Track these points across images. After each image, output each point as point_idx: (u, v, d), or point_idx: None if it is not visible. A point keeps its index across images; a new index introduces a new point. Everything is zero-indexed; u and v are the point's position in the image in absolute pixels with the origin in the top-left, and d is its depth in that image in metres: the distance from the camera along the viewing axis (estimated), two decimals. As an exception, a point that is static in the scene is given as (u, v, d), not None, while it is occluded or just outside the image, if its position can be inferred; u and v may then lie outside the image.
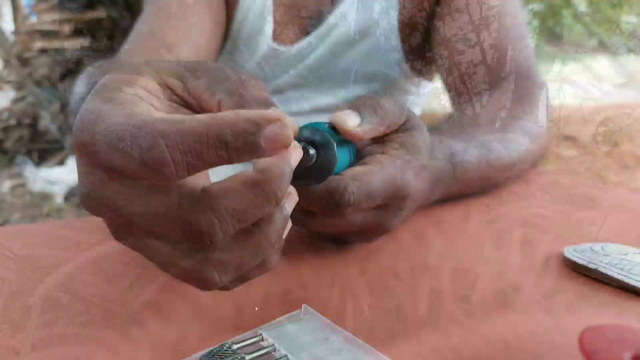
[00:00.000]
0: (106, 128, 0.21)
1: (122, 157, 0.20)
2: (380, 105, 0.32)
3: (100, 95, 0.23)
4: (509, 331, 0.28)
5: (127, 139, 0.20)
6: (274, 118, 0.20)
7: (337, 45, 0.73)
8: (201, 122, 0.20)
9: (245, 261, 0.24)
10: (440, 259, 0.37)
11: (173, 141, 0.19)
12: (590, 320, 0.29)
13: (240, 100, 0.24)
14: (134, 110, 0.21)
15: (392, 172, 0.32)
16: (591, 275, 0.33)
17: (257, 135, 0.20)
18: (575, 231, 0.42)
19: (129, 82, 0.24)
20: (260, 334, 0.25)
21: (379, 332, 0.28)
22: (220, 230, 0.21)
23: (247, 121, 0.20)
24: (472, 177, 0.45)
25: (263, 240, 0.24)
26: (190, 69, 0.26)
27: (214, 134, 0.20)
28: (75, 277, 0.34)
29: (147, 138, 0.19)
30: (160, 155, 0.19)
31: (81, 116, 0.22)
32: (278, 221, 0.24)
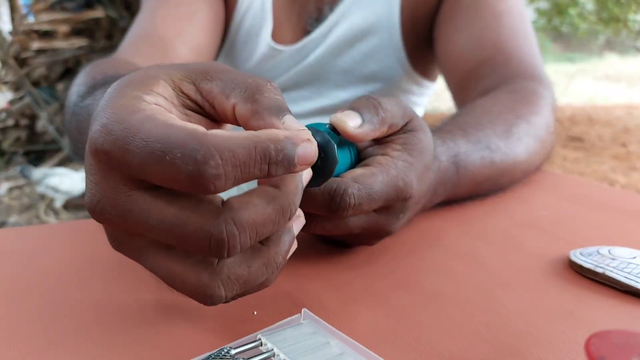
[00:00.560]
0: (144, 141, 0.21)
1: (166, 169, 0.21)
2: (382, 106, 0.32)
3: (121, 103, 0.23)
4: (513, 336, 0.28)
5: (175, 151, 0.20)
6: (305, 138, 0.23)
7: (338, 44, 0.73)
8: (249, 138, 0.21)
9: (252, 279, 0.25)
10: (443, 262, 0.37)
11: (227, 156, 0.21)
12: (596, 325, 0.29)
13: (256, 105, 0.24)
14: (170, 122, 0.22)
15: (394, 174, 0.32)
16: (598, 279, 0.33)
17: (294, 152, 0.22)
18: (581, 234, 0.42)
19: (146, 89, 0.24)
20: (260, 338, 0.25)
21: (380, 337, 0.28)
22: (240, 243, 0.22)
23: (286, 138, 0.22)
24: (476, 178, 0.45)
25: (270, 260, 0.25)
26: (202, 71, 0.26)
27: (261, 149, 0.21)
28: (73, 279, 0.34)
29: (203, 151, 0.20)
30: (214, 169, 0.20)
31: (105, 126, 0.22)
32: (286, 242, 0.26)
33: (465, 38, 0.66)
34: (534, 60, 0.64)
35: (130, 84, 0.24)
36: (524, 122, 0.51)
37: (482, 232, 0.42)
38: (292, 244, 0.27)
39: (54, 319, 0.29)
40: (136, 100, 0.23)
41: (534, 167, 0.55)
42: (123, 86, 0.24)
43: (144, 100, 0.23)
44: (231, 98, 0.25)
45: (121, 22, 3.22)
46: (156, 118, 0.22)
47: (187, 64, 0.26)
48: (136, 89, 0.24)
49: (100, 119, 0.23)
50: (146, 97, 0.23)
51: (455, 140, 0.43)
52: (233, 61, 0.79)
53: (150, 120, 0.22)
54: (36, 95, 3.21)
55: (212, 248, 0.22)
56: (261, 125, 0.24)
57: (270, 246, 0.25)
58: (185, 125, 0.21)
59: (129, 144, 0.21)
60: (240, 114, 0.25)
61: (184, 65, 0.26)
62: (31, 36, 3.25)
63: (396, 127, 0.34)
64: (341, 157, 0.32)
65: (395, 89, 0.76)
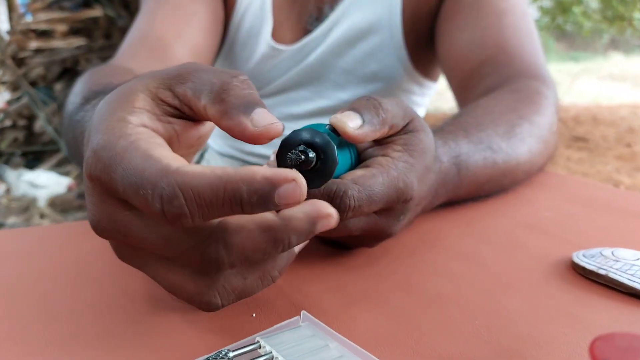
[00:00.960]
0: (125, 171, 0.22)
1: (141, 202, 0.22)
2: (382, 106, 0.32)
3: (108, 126, 0.24)
4: (515, 338, 0.28)
5: (147, 187, 0.22)
6: (290, 178, 0.22)
7: (339, 43, 0.73)
8: (219, 178, 0.21)
9: (247, 290, 0.27)
10: (444, 264, 0.37)
11: (191, 195, 0.21)
12: (599, 328, 0.29)
13: (223, 105, 0.25)
14: (150, 153, 0.23)
15: (395, 175, 0.32)
16: (601, 281, 0.33)
17: (272, 193, 0.21)
18: (584, 235, 0.42)
19: (129, 107, 0.25)
20: (258, 341, 0.25)
21: (380, 339, 0.28)
22: (228, 264, 0.24)
23: (263, 180, 0.21)
24: (478, 179, 0.45)
25: (266, 273, 0.27)
26: (176, 75, 0.26)
27: (230, 190, 0.21)
28: (70, 281, 0.34)
29: (168, 191, 0.21)
30: (178, 209, 0.21)
31: (95, 152, 0.24)
32: (283, 258, 0.27)
33: (467, 37, 0.66)
34: (537, 59, 0.64)
35: (115, 102, 0.25)
36: (527, 122, 0.51)
37: (484, 233, 0.42)
38: (291, 259, 0.28)
39: (50, 321, 0.29)
40: (122, 124, 0.24)
41: (537, 167, 0.55)
42: (109, 105, 0.25)
43: (129, 122, 0.24)
44: (202, 100, 0.25)
45: (120, 21, 3.22)
46: (138, 147, 0.23)
47: (163, 70, 0.27)
48: (121, 108, 0.25)
49: (91, 144, 0.24)
50: (131, 118, 0.25)
51: (457, 141, 0.43)
52: (233, 62, 0.79)
53: (132, 149, 0.23)
54: (34, 96, 3.22)
55: (204, 265, 0.24)
56: (231, 126, 0.25)
57: (267, 260, 0.26)
58: (160, 158, 0.22)
59: (114, 171, 0.23)
60: (210, 115, 0.25)
61: (159, 72, 0.27)
62: (29, 35, 3.25)
63: (397, 128, 0.34)
64: (341, 158, 0.32)
65: (397, 88, 0.76)
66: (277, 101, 0.79)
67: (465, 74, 0.66)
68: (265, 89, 0.79)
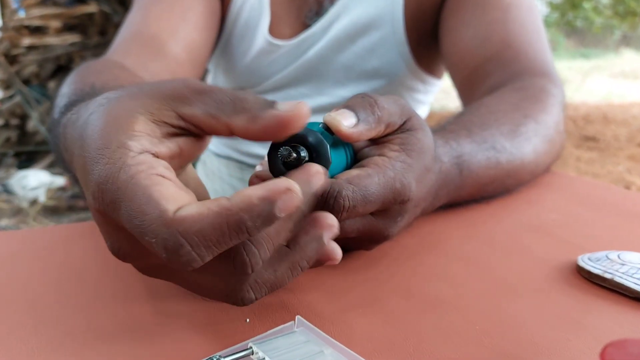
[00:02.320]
0: (128, 211, 0.23)
1: (149, 246, 0.23)
2: (378, 104, 0.32)
3: (107, 155, 0.24)
4: (517, 345, 0.28)
5: (150, 235, 0.23)
6: (283, 189, 0.23)
7: (339, 39, 0.73)
8: (219, 215, 0.22)
9: (278, 282, 0.28)
10: (444, 267, 0.37)
11: (196, 241, 0.22)
12: (604, 334, 0.29)
13: (248, 113, 0.26)
14: (149, 193, 0.23)
15: (391, 176, 0.32)
16: (606, 286, 0.33)
17: (273, 211, 0.23)
18: (591, 238, 0.42)
19: (128, 132, 0.25)
20: (251, 347, 0.25)
21: (377, 345, 0.28)
22: (261, 258, 0.25)
23: (261, 201, 0.22)
24: (481, 180, 0.45)
25: (295, 264, 0.28)
26: (178, 96, 0.27)
27: (234, 222, 0.22)
28: (59, 286, 0.34)
29: (171, 241, 0.22)
30: (186, 256, 0.22)
31: (99, 186, 0.24)
32: (312, 249, 0.28)
33: (472, 33, 0.66)
34: (544, 56, 0.64)
35: (113, 125, 0.25)
36: (532, 121, 0.51)
37: (486, 236, 0.42)
38: (320, 250, 0.28)
39: (39, 325, 0.29)
40: (122, 152, 0.24)
41: (542, 168, 0.55)
42: (106, 129, 0.25)
43: (130, 149, 0.24)
44: (221, 119, 0.26)
45: (115, 17, 3.23)
46: (138, 183, 0.23)
47: (160, 87, 0.27)
48: (119, 132, 0.25)
49: (93, 175, 0.25)
50: (131, 143, 0.25)
51: (459, 141, 0.43)
52: (230, 56, 0.79)
53: (132, 184, 0.23)
54: (27, 94, 3.22)
55: (237, 268, 0.25)
56: (265, 124, 0.25)
57: (296, 251, 0.27)
58: (159, 200, 0.23)
59: (118, 208, 0.24)
60: (238, 127, 0.26)
61: (157, 91, 0.27)
62: (22, 32, 3.26)
63: (394, 126, 0.34)
64: (336, 158, 0.32)
65: (399, 86, 0.76)
66: (275, 98, 0.79)
67: (469, 71, 0.66)
68: (262, 85, 0.79)
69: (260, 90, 0.79)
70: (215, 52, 0.81)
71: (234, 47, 0.78)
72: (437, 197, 0.40)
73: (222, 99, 0.26)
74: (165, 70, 0.64)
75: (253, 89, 0.80)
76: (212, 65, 0.86)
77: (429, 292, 0.33)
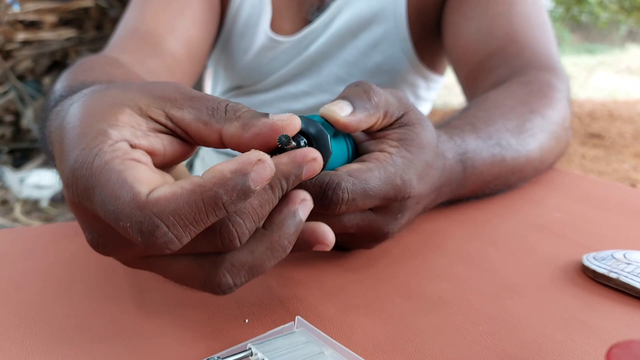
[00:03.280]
0: (102, 196, 0.23)
1: (124, 232, 0.23)
2: (373, 90, 0.32)
3: (85, 141, 0.24)
4: (520, 346, 0.28)
5: (124, 220, 0.22)
6: (254, 160, 0.23)
7: (340, 34, 0.73)
8: (192, 192, 0.22)
9: (257, 264, 0.26)
10: (446, 267, 0.36)
11: (172, 220, 0.22)
12: (609, 335, 0.29)
13: (241, 120, 0.26)
14: (123, 177, 0.23)
15: (392, 171, 0.32)
16: (612, 285, 0.33)
17: (247, 183, 0.23)
18: (596, 237, 0.42)
19: (112, 119, 0.25)
20: (250, 348, 0.25)
21: (378, 346, 0.28)
22: (247, 228, 0.25)
23: (234, 174, 0.22)
24: (485, 177, 0.45)
25: (274, 244, 0.27)
26: (170, 98, 0.27)
27: (209, 198, 0.22)
28: (54, 285, 0.34)
29: (147, 223, 0.22)
30: (163, 238, 0.22)
31: (72, 172, 0.24)
32: (290, 226, 0.27)
33: (475, 27, 0.66)
34: (549, 50, 0.64)
35: (96, 112, 0.25)
36: (539, 116, 0.51)
37: (490, 234, 0.42)
38: (300, 228, 0.27)
39: (32, 327, 0.29)
40: (101, 138, 0.24)
41: (547, 164, 0.55)
42: (88, 115, 0.25)
43: (109, 136, 0.24)
44: (212, 125, 0.26)
45: (112, 11, 3.23)
46: (112, 168, 0.23)
47: (152, 87, 0.27)
48: (102, 119, 0.25)
49: (68, 161, 0.24)
50: (112, 131, 0.24)
51: (463, 137, 0.43)
52: (230, 53, 0.79)
53: (106, 170, 0.23)
54: (21, 90, 3.22)
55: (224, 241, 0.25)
56: (256, 131, 0.25)
57: (273, 230, 0.27)
58: (132, 183, 0.23)
59: (92, 195, 0.23)
60: (230, 134, 0.26)
61: (148, 89, 0.27)
62: (16, 27, 3.25)
63: (392, 116, 0.33)
64: (337, 150, 0.32)
65: (401, 82, 0.76)
66: (276, 96, 0.79)
67: (473, 66, 0.66)
68: (263, 82, 0.79)
69: (261, 87, 0.79)
70: (215, 49, 0.81)
71: (235, 43, 0.78)
72: (440, 194, 0.40)
73: (214, 106, 0.26)
74: (163, 66, 0.64)
75: (254, 86, 0.80)
76: (212, 63, 0.86)
77: (431, 291, 0.33)
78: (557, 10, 6.47)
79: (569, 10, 6.54)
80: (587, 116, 4.55)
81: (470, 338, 0.28)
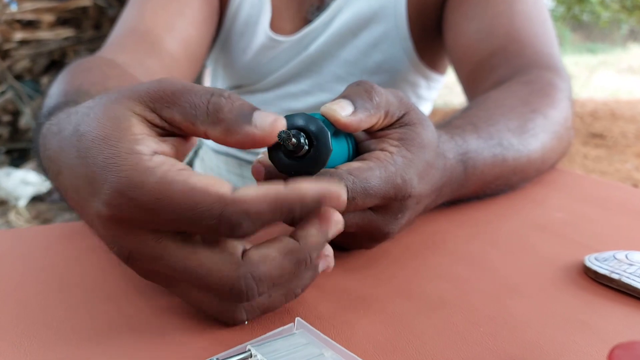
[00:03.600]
0: (174, 209, 0.24)
1: (202, 230, 0.25)
2: (375, 90, 0.32)
3: (122, 163, 0.25)
4: (522, 347, 0.28)
5: (208, 219, 0.24)
6: (335, 196, 0.26)
7: (340, 33, 0.73)
8: (276, 200, 0.25)
9: (272, 306, 0.29)
10: (447, 267, 0.36)
11: (256, 218, 0.24)
12: (611, 336, 0.29)
13: (224, 124, 0.26)
14: (190, 184, 0.24)
15: (393, 171, 0.32)
16: (614, 286, 0.33)
17: (319, 209, 0.26)
18: (598, 238, 0.42)
19: (130, 137, 0.26)
20: (249, 349, 0.25)
21: (378, 348, 0.28)
22: (257, 293, 0.26)
23: (313, 200, 0.25)
24: (486, 178, 0.45)
25: (290, 291, 0.29)
26: (158, 97, 0.27)
27: (287, 209, 0.25)
28: (51, 286, 0.34)
29: (235, 218, 0.24)
30: (245, 229, 0.25)
31: (121, 193, 0.25)
32: (307, 277, 0.29)
33: (476, 26, 0.66)
34: (550, 49, 0.64)
35: (110, 135, 0.26)
36: (541, 116, 0.51)
37: (491, 235, 0.42)
38: (314, 278, 0.30)
39: (29, 329, 0.29)
40: (136, 157, 0.25)
41: (549, 164, 0.55)
42: (104, 139, 0.26)
43: (141, 153, 0.25)
44: (198, 125, 0.27)
45: (110, 11, 3.22)
46: (173, 180, 0.24)
47: (138, 89, 0.27)
48: (121, 139, 0.26)
49: (109, 182, 0.25)
50: (140, 148, 0.25)
51: (465, 137, 0.43)
52: (229, 53, 0.79)
53: (167, 182, 0.24)
54: (19, 90, 3.22)
55: (232, 296, 0.26)
56: (239, 139, 0.26)
57: (292, 279, 0.28)
58: (207, 189, 0.24)
59: (156, 209, 0.24)
60: (214, 137, 0.27)
61: (136, 94, 0.27)
62: (14, 26, 3.25)
63: (392, 116, 0.34)
64: (338, 148, 0.32)
65: (402, 81, 0.76)
66: (276, 95, 0.79)
67: (474, 65, 0.66)
68: (263, 82, 0.79)
69: (261, 86, 0.79)
70: (214, 48, 0.81)
71: (234, 43, 0.78)
72: (441, 194, 0.40)
73: (197, 104, 0.27)
74: (161, 66, 0.64)
75: (253, 85, 0.80)
76: (212, 62, 0.86)
77: (431, 292, 0.33)
78: (558, 9, 6.47)
79: (570, 10, 6.55)
80: (589, 116, 4.55)
81: (471, 339, 0.28)
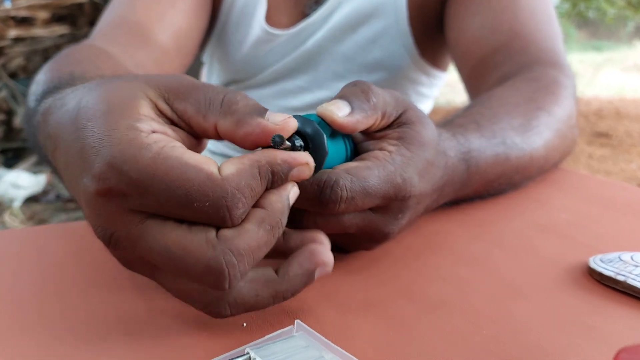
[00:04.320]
0: (165, 183, 0.24)
1: (192, 213, 0.24)
2: (372, 90, 0.32)
3: (120, 137, 0.25)
4: (525, 350, 0.28)
5: (200, 199, 0.24)
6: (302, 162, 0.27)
7: (339, 28, 0.73)
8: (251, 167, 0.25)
9: (258, 306, 0.28)
10: (449, 269, 0.36)
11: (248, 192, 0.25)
12: (616, 339, 0.29)
13: (236, 115, 0.26)
14: (184, 161, 0.24)
15: (392, 170, 0.32)
16: (619, 288, 0.33)
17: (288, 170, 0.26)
18: (603, 239, 0.42)
19: (134, 115, 0.26)
20: (248, 352, 0.25)
21: (379, 350, 0.28)
22: (240, 271, 0.25)
23: (283, 160, 0.26)
24: (488, 177, 0.45)
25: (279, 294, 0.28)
26: (174, 89, 0.27)
27: (264, 170, 0.26)
28: (48, 287, 0.34)
29: (230, 197, 0.24)
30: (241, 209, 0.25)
31: (113, 166, 0.24)
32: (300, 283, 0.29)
33: (479, 21, 0.66)
34: (555, 46, 0.63)
35: (116, 109, 0.26)
36: (545, 113, 0.51)
37: (494, 236, 0.42)
38: (307, 284, 0.29)
39: (26, 329, 0.29)
40: (134, 133, 0.25)
41: (552, 163, 0.55)
42: (109, 112, 0.26)
43: (140, 130, 0.25)
44: (209, 117, 0.27)
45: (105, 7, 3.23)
46: (168, 156, 0.24)
47: (157, 79, 0.28)
48: (124, 115, 0.25)
49: (103, 157, 0.24)
50: (140, 125, 0.25)
51: (467, 135, 0.43)
52: (225, 46, 0.79)
53: (163, 159, 0.24)
54: (13, 88, 3.22)
55: (213, 277, 0.25)
56: (249, 130, 0.26)
57: (284, 281, 0.28)
58: (199, 167, 0.24)
59: (148, 186, 0.24)
60: (224, 129, 0.27)
61: (154, 81, 0.28)
62: (8, 23, 3.25)
63: (389, 118, 0.34)
64: (335, 150, 0.32)
65: (401, 78, 0.76)
66: (272, 92, 0.79)
67: (477, 62, 0.65)
68: (259, 76, 0.79)
69: (256, 82, 0.79)
70: (210, 42, 0.81)
71: (230, 36, 0.78)
72: (443, 194, 0.40)
73: (213, 97, 0.27)
74: (151, 58, 0.64)
75: (248, 80, 0.80)
76: (207, 56, 0.86)
77: (433, 294, 0.33)
78: (564, 6, 6.47)
79: (575, 6, 6.54)
80: (594, 115, 4.55)
81: (474, 342, 0.28)
